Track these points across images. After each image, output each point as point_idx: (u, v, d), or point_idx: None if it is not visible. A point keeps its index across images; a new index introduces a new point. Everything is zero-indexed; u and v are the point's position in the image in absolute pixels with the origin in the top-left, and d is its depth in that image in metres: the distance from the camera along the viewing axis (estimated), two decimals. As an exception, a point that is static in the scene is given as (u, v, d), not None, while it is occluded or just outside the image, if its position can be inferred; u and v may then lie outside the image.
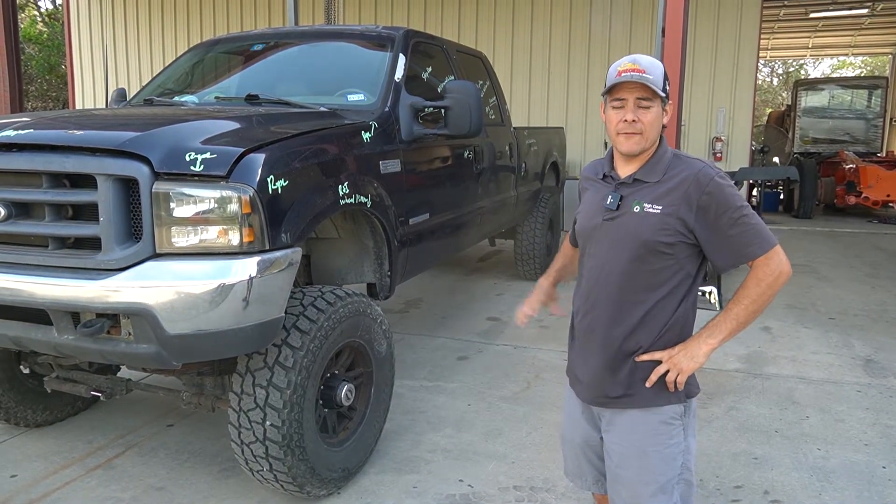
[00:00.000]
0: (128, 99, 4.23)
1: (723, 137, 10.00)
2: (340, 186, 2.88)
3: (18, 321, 2.47)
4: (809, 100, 13.52)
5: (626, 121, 1.76)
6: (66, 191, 2.39)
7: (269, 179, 2.46)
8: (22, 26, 21.00)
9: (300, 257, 2.61)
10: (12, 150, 2.43)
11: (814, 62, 30.22)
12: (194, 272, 2.33)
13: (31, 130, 2.44)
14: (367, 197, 3.08)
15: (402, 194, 3.46)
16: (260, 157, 2.46)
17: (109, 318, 2.35)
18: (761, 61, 13.79)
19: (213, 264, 2.36)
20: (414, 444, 3.40)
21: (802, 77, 27.40)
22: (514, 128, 5.75)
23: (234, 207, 2.37)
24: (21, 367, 3.39)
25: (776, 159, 14.51)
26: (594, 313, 1.86)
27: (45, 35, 21.88)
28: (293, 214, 2.58)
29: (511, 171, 5.48)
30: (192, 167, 2.35)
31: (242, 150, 2.44)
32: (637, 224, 1.76)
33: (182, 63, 4.26)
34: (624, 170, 1.84)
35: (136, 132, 2.41)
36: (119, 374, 3.46)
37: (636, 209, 1.77)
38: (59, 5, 21.65)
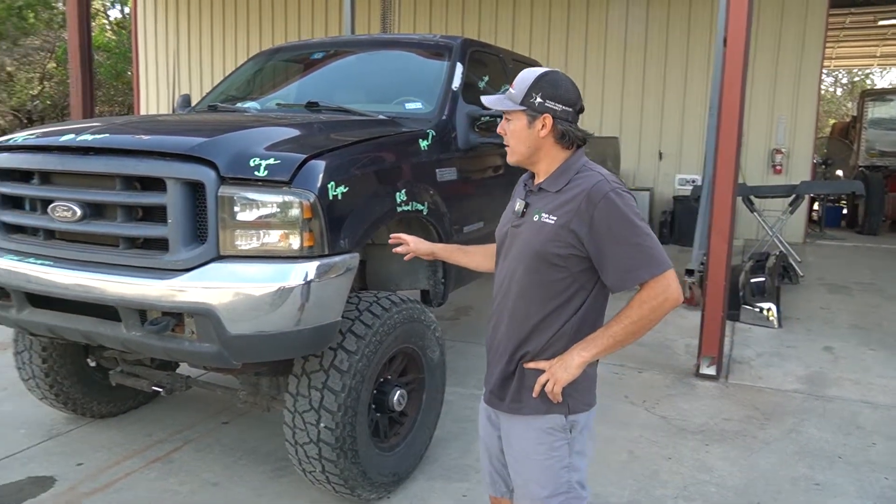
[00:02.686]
0: (192, 105, 4.37)
1: (783, 149, 9.71)
2: (398, 193, 2.91)
3: (90, 317, 2.58)
4: (877, 111, 12.98)
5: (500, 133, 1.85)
6: (137, 193, 2.48)
7: (329, 186, 2.51)
8: (92, 35, 21.92)
9: (357, 263, 2.64)
10: (89, 153, 2.53)
11: (881, 71, 29.08)
12: (255, 275, 2.39)
13: (107, 135, 2.54)
14: (423, 204, 3.10)
15: (458, 202, 3.48)
16: (321, 164, 2.51)
17: (174, 317, 2.43)
18: (824, 70, 13.33)
19: (274, 267, 2.41)
20: (463, 453, 3.39)
21: (868, 87, 26.40)
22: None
23: (295, 212, 2.42)
24: (88, 360, 3.53)
25: (839, 173, 13.99)
26: (497, 321, 1.90)
27: (113, 43, 22.82)
28: (352, 220, 2.62)
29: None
30: (256, 172, 2.41)
31: (305, 156, 2.49)
32: (534, 233, 1.77)
33: (244, 71, 4.38)
34: (537, 179, 1.85)
35: (203, 138, 2.49)
36: (178, 371, 3.56)
37: (535, 218, 1.78)
38: (127, 15, 22.55)
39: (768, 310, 5.76)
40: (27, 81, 22.99)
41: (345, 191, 2.57)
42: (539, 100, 1.75)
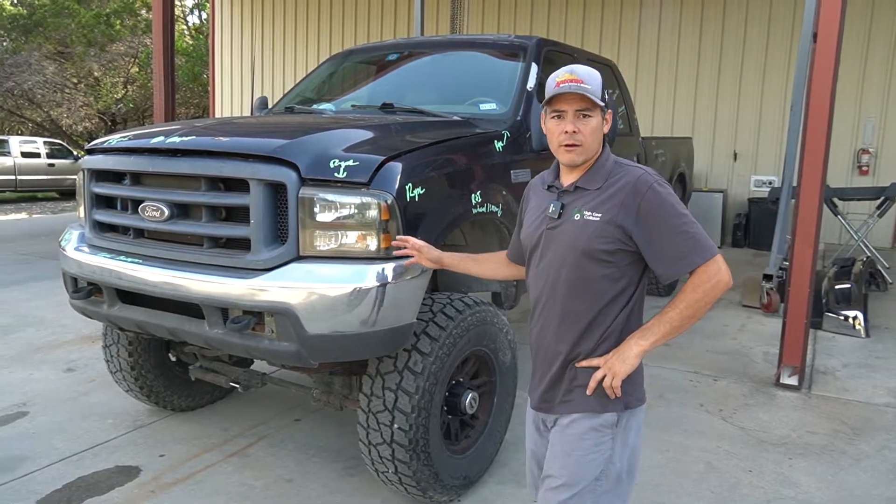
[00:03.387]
0: (269, 107, 4.47)
1: (870, 149, 9.20)
2: (473, 195, 2.89)
3: (175, 314, 2.67)
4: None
5: (566, 132, 1.73)
6: (221, 194, 2.55)
7: (407, 187, 2.51)
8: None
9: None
10: (177, 155, 2.62)
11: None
12: (333, 275, 2.42)
13: (194, 137, 2.62)
14: (497, 206, 3.08)
15: (531, 204, 3.43)
16: (399, 165, 2.52)
17: (255, 316, 2.48)
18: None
19: (351, 268, 2.43)
20: (533, 458, 3.35)
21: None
22: (642, 138, 5.56)
23: (373, 214, 2.44)
24: (169, 355, 3.67)
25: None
26: (544, 325, 1.85)
27: (191, 47, 23.72)
28: (428, 222, 2.62)
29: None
30: (335, 174, 2.44)
31: (383, 158, 2.50)
32: (577, 232, 1.75)
33: (319, 73, 4.46)
34: (567, 179, 1.83)
35: (284, 140, 2.54)
36: (254, 368, 3.65)
37: (577, 217, 1.76)
38: (205, 20, 23.41)
39: (854, 318, 5.46)
40: (112, 86, 24.19)
41: (421, 192, 2.57)
42: (607, 96, 1.77)
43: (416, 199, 2.55)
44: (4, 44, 23.03)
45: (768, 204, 7.76)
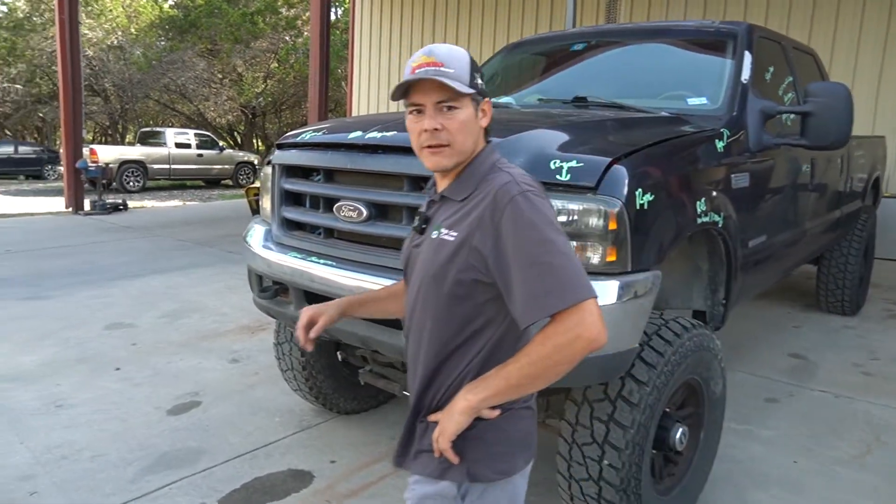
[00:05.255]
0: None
1: None
2: (699, 202, 2.52)
3: (368, 322, 2.49)
4: None
5: (426, 131, 1.35)
6: (425, 194, 2.33)
7: (637, 193, 2.19)
8: (309, 36, 23.72)
9: (660, 282, 2.30)
10: (377, 151, 2.44)
11: None
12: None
13: (396, 133, 2.43)
14: (719, 214, 2.68)
15: (747, 212, 3.00)
16: (628, 168, 2.19)
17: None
18: None
19: (573, 284, 2.14)
20: (737, 499, 2.94)
21: None
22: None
23: (599, 222, 2.13)
24: (338, 355, 3.55)
25: None
26: (413, 362, 1.50)
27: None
28: (656, 232, 2.28)
29: (839, 187, 4.68)
30: (557, 176, 2.16)
31: (610, 159, 2.19)
32: (431, 254, 1.39)
33: (492, 65, 4.21)
34: (440, 184, 1.47)
35: (497, 138, 2.28)
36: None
37: (434, 235, 1.40)
38: (341, 17, 24.09)
39: None
40: (253, 80, 25.47)
41: (651, 199, 2.24)
42: (480, 80, 1.40)
43: (646, 206, 2.22)
44: (162, 43, 24.83)
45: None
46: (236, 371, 4.32)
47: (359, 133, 2.52)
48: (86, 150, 14.04)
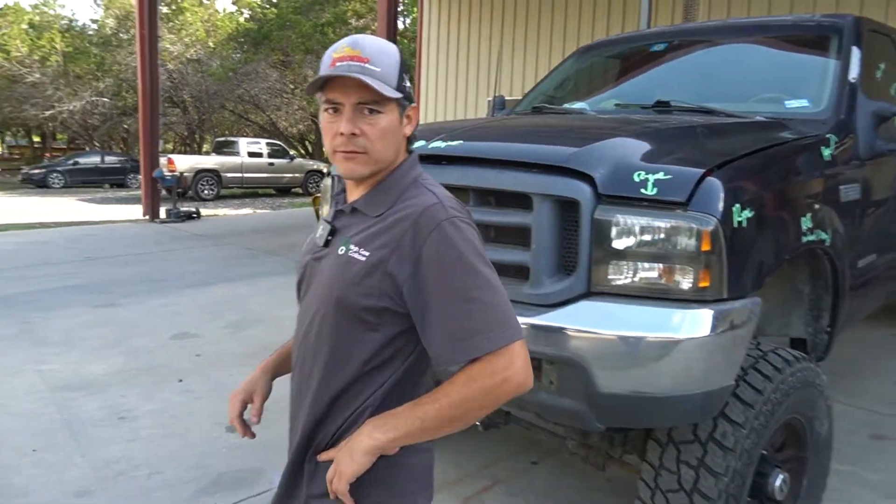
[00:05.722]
0: (506, 107, 4.08)
1: None
2: (803, 219, 2.22)
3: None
4: None
5: (341, 134, 1.18)
6: (493, 210, 2.13)
7: (734, 209, 1.92)
8: (378, 45, 23.95)
9: (759, 310, 2.02)
10: (441, 162, 2.25)
11: None
12: (638, 320, 1.89)
13: (462, 142, 2.24)
14: (826, 232, 2.36)
15: (857, 228, 2.66)
16: (724, 180, 1.93)
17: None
18: None
19: (661, 312, 1.89)
20: (844, 556, 2.59)
21: None
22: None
23: (690, 243, 1.87)
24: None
25: None
26: (301, 389, 1.31)
27: (394, 52, 24.70)
28: (756, 253, 2.00)
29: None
30: (642, 190, 1.91)
31: (702, 170, 1.93)
32: (337, 272, 1.22)
33: (565, 69, 3.97)
34: (352, 193, 1.29)
35: (574, 147, 2.05)
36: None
37: (341, 251, 1.23)
38: (408, 25, 24.25)
39: None
40: (323, 90, 25.94)
41: (750, 216, 1.96)
42: (408, 83, 1.23)
43: (744, 224, 1.95)
44: (237, 55, 25.61)
45: None
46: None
47: (421, 143, 2.34)
48: (164, 160, 14.53)
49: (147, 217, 12.24)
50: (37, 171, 21.77)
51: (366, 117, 1.19)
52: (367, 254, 1.19)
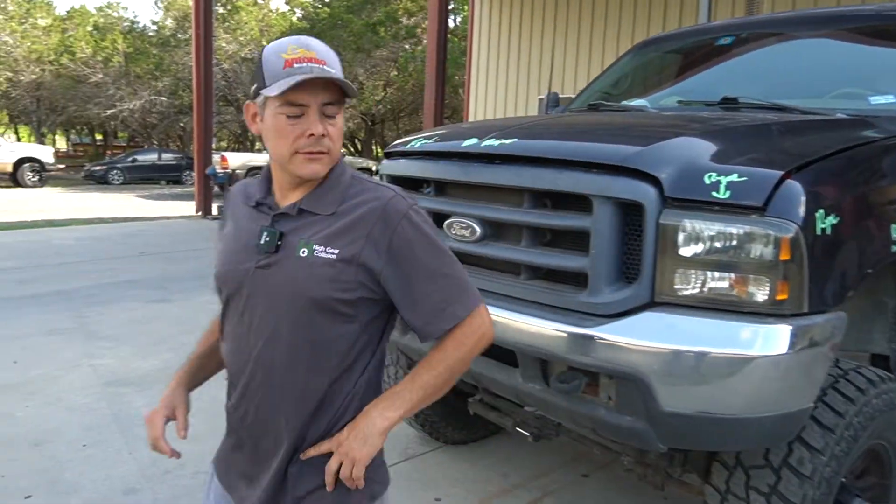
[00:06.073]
0: (559, 105, 3.93)
1: None
2: (893, 226, 2.02)
3: (481, 356, 2.19)
4: None
5: (312, 135, 1.22)
6: (552, 213, 2.00)
7: (817, 215, 1.74)
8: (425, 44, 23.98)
9: (844, 326, 1.84)
10: (494, 161, 2.14)
11: None
12: (707, 334, 1.74)
13: (516, 140, 2.12)
14: (915, 241, 2.15)
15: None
16: (805, 183, 1.76)
17: (587, 375, 1.90)
18: None
19: (734, 326, 1.73)
20: None
21: None
22: None
23: (767, 251, 1.71)
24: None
25: None
26: (248, 409, 1.33)
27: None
28: (841, 264, 1.83)
29: None
30: (713, 192, 1.76)
31: (782, 172, 1.76)
32: (304, 274, 1.24)
33: (621, 65, 3.80)
34: (287, 197, 1.31)
35: (638, 146, 1.91)
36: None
37: (302, 252, 1.25)
38: (459, 24, 24.15)
39: None
40: (373, 88, 26.08)
41: (835, 222, 1.79)
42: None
43: (829, 231, 1.77)
44: (289, 54, 25.92)
45: None
46: (342, 387, 4.17)
47: (474, 140, 2.23)
48: (217, 157, 14.80)
49: (199, 213, 12.47)
50: (98, 167, 22.51)
51: (327, 118, 1.23)
52: (335, 251, 1.24)
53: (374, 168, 21.12)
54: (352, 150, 28.57)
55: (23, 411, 3.73)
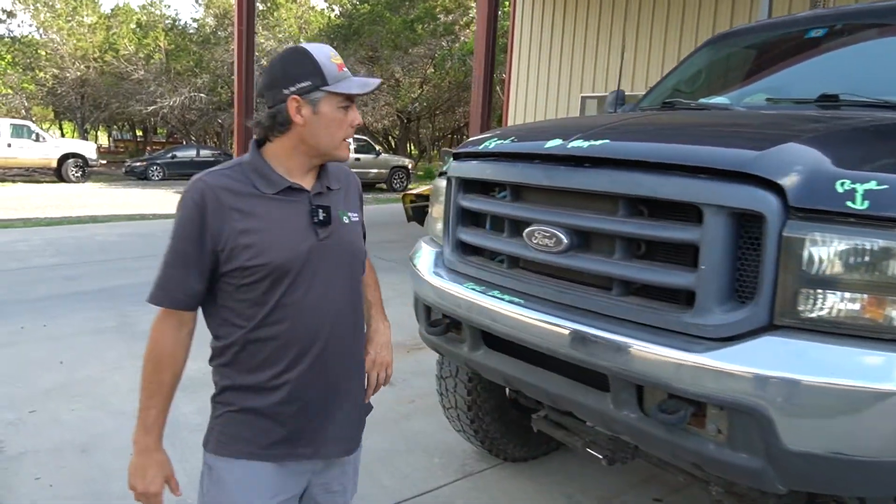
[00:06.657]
0: (626, 103, 3.70)
1: None
2: None
3: (562, 377, 2.01)
4: None
5: (357, 124, 1.54)
6: (653, 223, 1.80)
7: (970, 229, 1.51)
8: (465, 41, 23.76)
9: None
10: (583, 164, 1.94)
11: None
12: (839, 364, 1.52)
13: (608, 141, 1.92)
14: None
15: None
16: (955, 193, 1.53)
17: (692, 405, 1.70)
18: None
19: (869, 355, 1.51)
20: None
21: None
22: None
23: (911, 270, 1.49)
24: (506, 394, 3.10)
25: None
26: (321, 370, 1.52)
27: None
28: None
29: None
30: (847, 202, 1.54)
31: (929, 179, 1.53)
32: (353, 236, 1.60)
33: (696, 60, 3.56)
34: (307, 180, 1.53)
35: (754, 149, 1.70)
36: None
37: (345, 220, 1.57)
38: (499, 22, 23.89)
39: None
40: (410, 86, 25.97)
41: None
42: None
43: (979, 248, 1.54)
44: (327, 51, 25.98)
45: None
46: (390, 396, 4.00)
47: (558, 141, 2.04)
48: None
49: (239, 210, 12.47)
50: (138, 163, 22.81)
51: None
52: (356, 215, 1.63)
53: (408, 165, 20.98)
54: (386, 147, 28.51)
55: (69, 414, 3.65)
